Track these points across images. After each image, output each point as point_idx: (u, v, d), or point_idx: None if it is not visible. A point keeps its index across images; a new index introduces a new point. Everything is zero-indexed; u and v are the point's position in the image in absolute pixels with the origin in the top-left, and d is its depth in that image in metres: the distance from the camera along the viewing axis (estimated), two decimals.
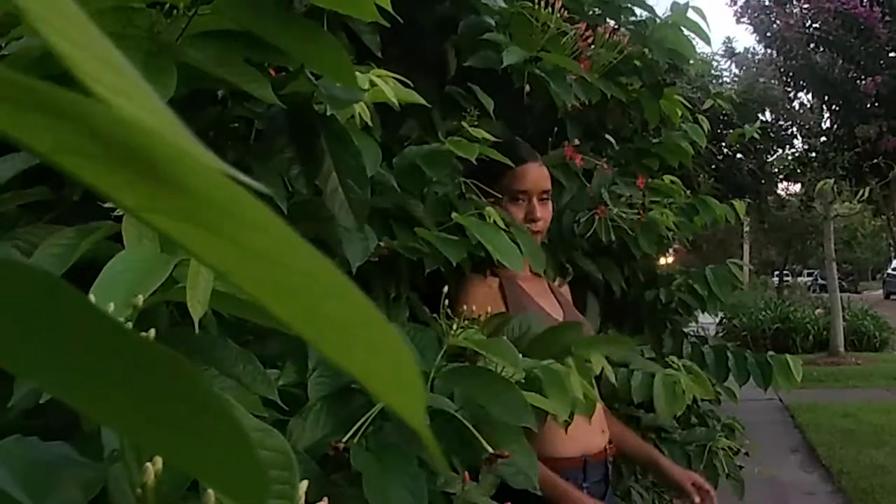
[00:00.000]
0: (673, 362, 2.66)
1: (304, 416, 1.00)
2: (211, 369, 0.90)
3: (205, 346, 0.93)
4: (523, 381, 1.05)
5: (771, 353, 2.92)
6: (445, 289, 1.11)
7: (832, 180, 12.57)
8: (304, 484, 0.62)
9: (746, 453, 3.08)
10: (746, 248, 23.77)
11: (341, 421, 1.01)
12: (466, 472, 0.96)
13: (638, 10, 2.77)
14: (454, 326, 1.05)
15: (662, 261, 3.64)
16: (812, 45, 12.58)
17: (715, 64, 14.11)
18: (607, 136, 2.86)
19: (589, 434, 2.06)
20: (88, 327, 0.24)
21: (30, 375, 0.27)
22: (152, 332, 0.66)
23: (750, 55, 16.06)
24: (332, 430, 1.01)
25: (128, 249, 0.78)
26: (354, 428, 0.96)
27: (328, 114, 1.08)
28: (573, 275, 2.50)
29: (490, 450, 0.94)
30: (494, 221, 1.56)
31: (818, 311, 16.92)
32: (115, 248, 0.89)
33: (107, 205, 0.93)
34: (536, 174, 2.13)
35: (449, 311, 1.16)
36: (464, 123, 1.66)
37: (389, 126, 1.90)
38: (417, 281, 1.72)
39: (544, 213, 2.14)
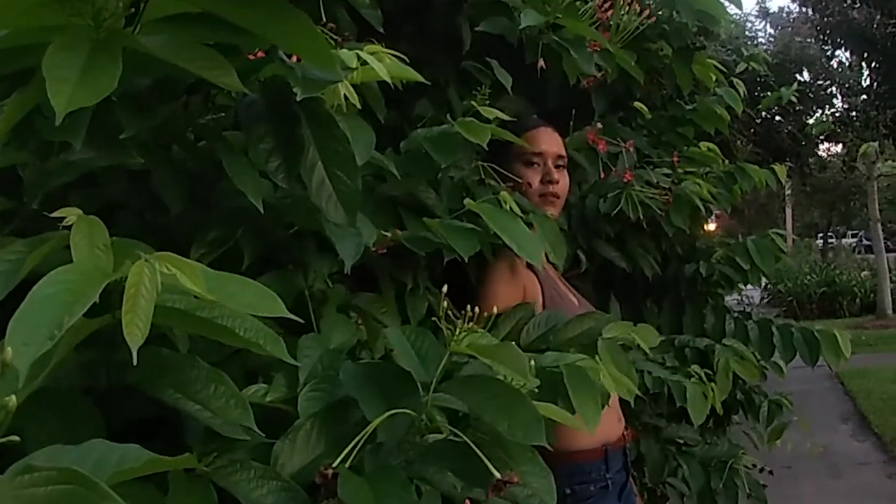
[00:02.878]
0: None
1: (291, 437, 0.90)
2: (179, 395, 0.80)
3: (173, 366, 0.83)
4: (535, 390, 0.94)
5: (816, 322, 2.81)
6: (445, 288, 1.00)
7: (875, 143, 12.28)
8: None
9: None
10: (789, 211, 23.47)
11: (335, 441, 0.91)
12: (467, 500, 0.85)
13: None
14: (457, 330, 0.93)
15: (706, 228, 3.54)
16: (849, 1, 12.26)
17: (749, 25, 13.79)
18: (637, 104, 2.72)
19: (608, 422, 1.96)
20: None
21: None
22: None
23: (784, 14, 15.70)
24: (324, 451, 0.91)
25: (59, 268, 0.68)
26: (347, 450, 0.86)
27: (309, 98, 0.97)
28: (586, 266, 2.38)
29: (497, 474, 0.82)
30: (511, 208, 1.44)
31: (864, 273, 16.66)
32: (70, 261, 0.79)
33: (54, 214, 0.83)
34: (549, 137, 2.06)
35: (466, 307, 1.04)
36: (474, 103, 1.54)
37: (403, 106, 1.80)
38: (439, 269, 1.61)
39: (562, 178, 2.05)
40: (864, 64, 13.21)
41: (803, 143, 12.68)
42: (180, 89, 1.05)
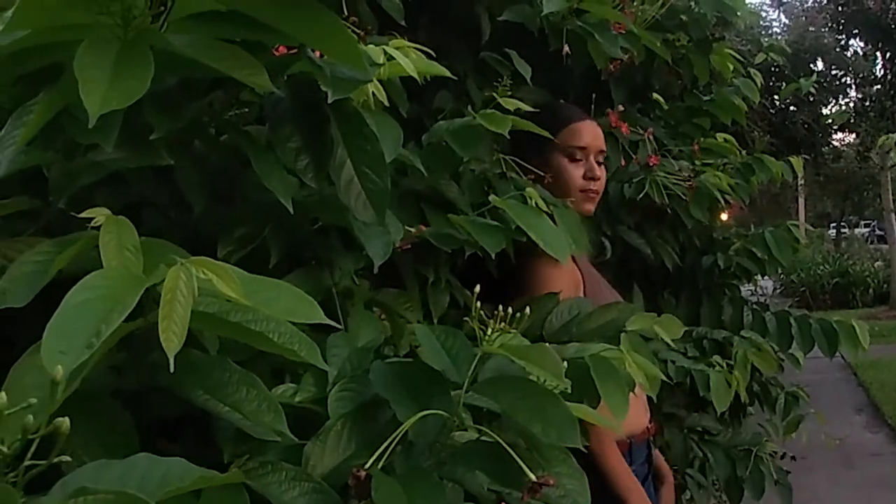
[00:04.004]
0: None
1: (322, 438, 0.89)
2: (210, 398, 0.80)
3: (203, 368, 0.82)
4: (569, 390, 0.93)
5: (830, 313, 2.80)
6: (477, 288, 0.98)
7: (892, 135, 12.21)
8: None
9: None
10: (802, 201, 23.35)
11: (366, 441, 0.90)
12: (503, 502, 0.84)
13: None
14: (489, 330, 0.92)
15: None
16: None
17: (764, 14, 13.71)
18: (655, 95, 2.70)
19: (633, 415, 1.95)
20: None
21: None
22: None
23: (799, 3, 15.59)
24: (355, 452, 0.90)
25: (93, 273, 0.67)
26: (379, 451, 0.85)
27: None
28: (611, 253, 2.36)
29: (532, 476, 0.82)
30: (536, 204, 1.43)
31: (877, 263, 16.60)
32: (98, 262, 0.78)
33: (82, 214, 0.82)
34: (594, 131, 2.03)
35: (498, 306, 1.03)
36: (495, 94, 1.52)
37: (422, 98, 1.78)
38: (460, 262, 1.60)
39: (602, 174, 2.03)
40: (878, 54, 13.12)
41: (818, 133, 12.61)
42: (205, 87, 1.05)
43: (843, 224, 25.50)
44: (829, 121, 11.54)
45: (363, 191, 1.01)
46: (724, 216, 3.75)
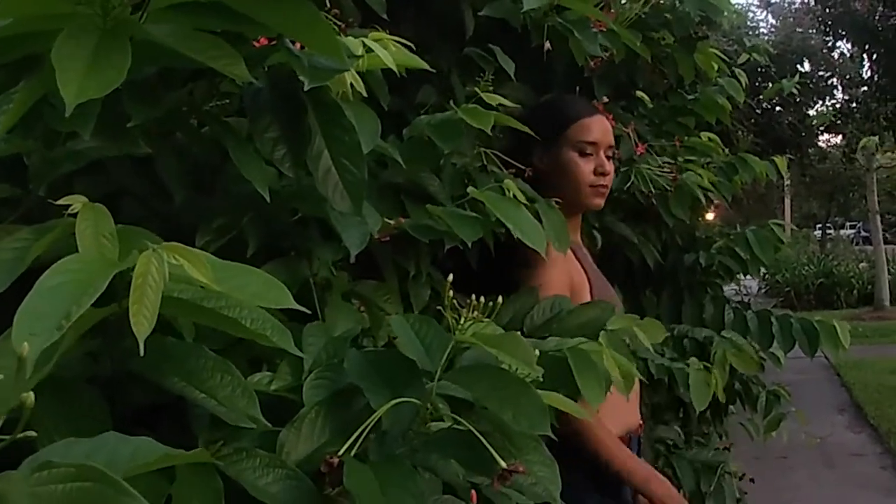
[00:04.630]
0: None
1: (296, 425, 0.90)
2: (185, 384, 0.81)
3: (178, 354, 0.83)
4: (540, 379, 0.94)
5: (813, 313, 2.82)
6: (450, 277, 1.00)
7: (876, 136, 12.27)
8: None
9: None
10: (788, 201, 23.45)
11: (340, 429, 0.91)
12: (474, 492, 0.86)
13: None
14: (462, 320, 0.93)
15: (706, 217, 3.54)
16: None
17: (751, 15, 13.74)
18: (639, 93, 2.71)
19: (632, 410, 1.98)
20: None
21: None
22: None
23: (786, 4, 15.64)
24: (329, 439, 0.91)
25: (66, 258, 0.68)
26: (353, 438, 0.86)
27: (315, 87, 0.97)
28: (601, 244, 2.38)
29: (503, 464, 0.83)
30: (515, 196, 1.44)
31: (862, 264, 16.71)
32: (75, 249, 0.79)
33: (59, 202, 0.83)
34: (605, 126, 2.04)
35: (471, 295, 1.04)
36: (477, 89, 1.53)
37: (406, 93, 1.79)
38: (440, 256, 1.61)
39: (612, 169, 2.03)
40: (865, 56, 13.17)
41: (803, 133, 12.66)
42: (185, 76, 1.05)
43: (828, 225, 25.62)
44: (815, 122, 11.58)
45: (340, 181, 1.02)
46: (710, 216, 3.77)
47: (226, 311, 0.76)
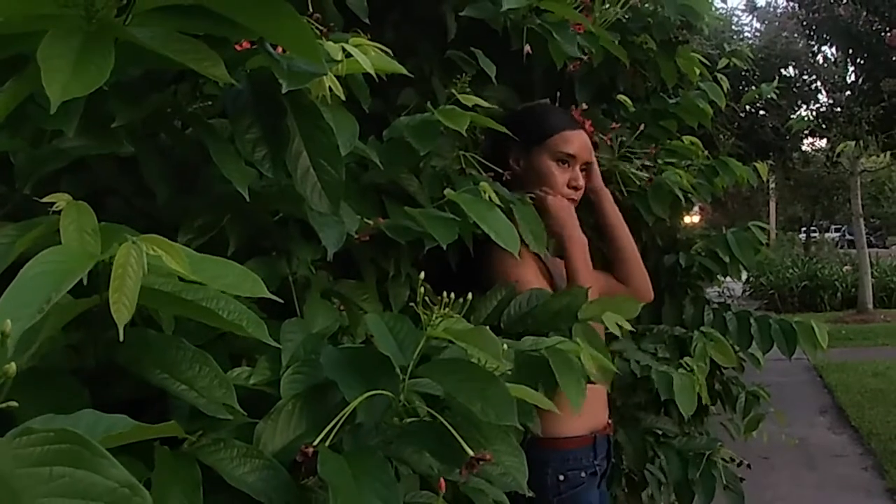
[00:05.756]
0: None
1: (273, 417, 0.93)
2: (165, 375, 0.84)
3: (158, 346, 0.86)
4: (508, 373, 0.98)
5: (797, 316, 2.84)
6: (422, 274, 1.03)
7: (853, 142, 12.35)
8: None
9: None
10: (773, 204, 23.56)
11: (316, 421, 0.94)
12: (442, 479, 0.89)
13: None
14: (434, 316, 0.97)
15: (687, 219, 3.57)
16: None
17: (735, 19, 13.79)
18: (620, 97, 2.74)
19: (596, 410, 2.02)
20: None
21: None
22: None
23: (772, 9, 15.71)
24: (305, 431, 0.94)
25: (48, 249, 0.71)
26: (327, 429, 0.89)
27: (294, 89, 1.00)
28: None
29: (470, 452, 0.86)
30: (490, 198, 1.47)
31: (846, 267, 16.81)
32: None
33: (44, 199, 0.86)
34: (586, 142, 2.12)
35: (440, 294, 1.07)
36: (454, 91, 1.57)
37: (387, 95, 1.82)
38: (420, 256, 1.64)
39: (583, 185, 2.11)
40: (848, 60, 13.24)
41: (787, 137, 12.72)
42: (169, 78, 1.08)
43: (813, 228, 25.76)
44: (792, 128, 11.62)
45: (318, 181, 1.05)
46: (695, 219, 3.80)
47: (204, 303, 0.79)
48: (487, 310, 1.58)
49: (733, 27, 13.06)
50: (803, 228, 25.93)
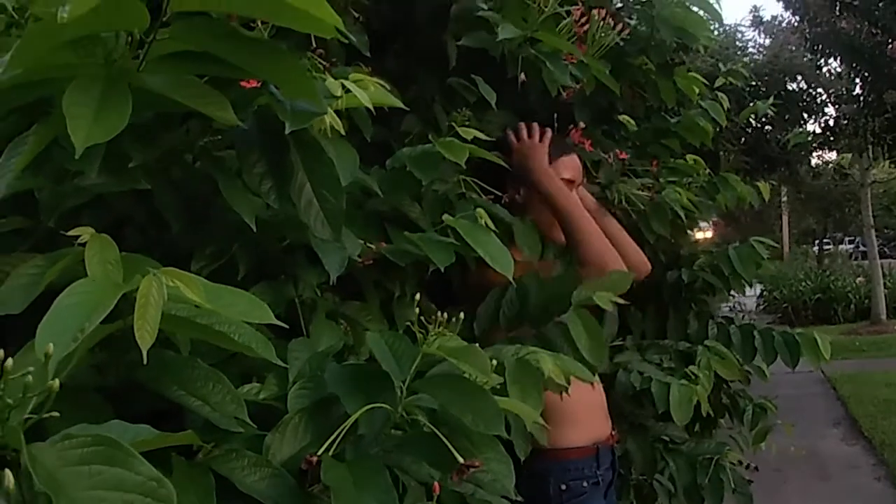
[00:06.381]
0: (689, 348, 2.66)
1: (281, 429, 1.01)
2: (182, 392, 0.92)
3: (176, 366, 0.94)
4: (498, 387, 1.05)
5: (804, 329, 2.88)
6: (417, 295, 1.11)
7: (850, 155, 12.36)
8: None
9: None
10: (785, 218, 23.50)
11: (320, 433, 1.02)
12: (437, 483, 0.96)
13: None
14: (429, 334, 1.05)
15: (700, 235, 3.61)
16: (837, 11, 12.34)
17: (739, 35, 13.80)
18: (621, 117, 2.81)
19: (598, 421, 2.08)
20: None
21: None
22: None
23: (776, 23, 15.71)
24: (310, 442, 1.02)
25: (79, 281, 0.79)
26: (331, 439, 0.97)
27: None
28: None
29: (461, 459, 0.94)
30: (486, 223, 1.55)
31: (859, 279, 16.75)
32: (83, 275, 0.90)
33: (69, 233, 0.94)
34: (578, 164, 2.26)
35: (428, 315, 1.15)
36: (454, 123, 1.64)
37: (390, 122, 1.90)
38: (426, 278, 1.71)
39: None
40: (852, 73, 13.26)
41: (792, 152, 12.71)
42: (180, 117, 1.17)
43: (826, 241, 25.68)
44: (790, 144, 11.61)
45: (321, 210, 1.13)
46: (708, 234, 3.84)
47: (217, 327, 0.88)
48: (487, 313, 1.67)
49: (738, 42, 13.08)
50: (816, 241, 25.88)
